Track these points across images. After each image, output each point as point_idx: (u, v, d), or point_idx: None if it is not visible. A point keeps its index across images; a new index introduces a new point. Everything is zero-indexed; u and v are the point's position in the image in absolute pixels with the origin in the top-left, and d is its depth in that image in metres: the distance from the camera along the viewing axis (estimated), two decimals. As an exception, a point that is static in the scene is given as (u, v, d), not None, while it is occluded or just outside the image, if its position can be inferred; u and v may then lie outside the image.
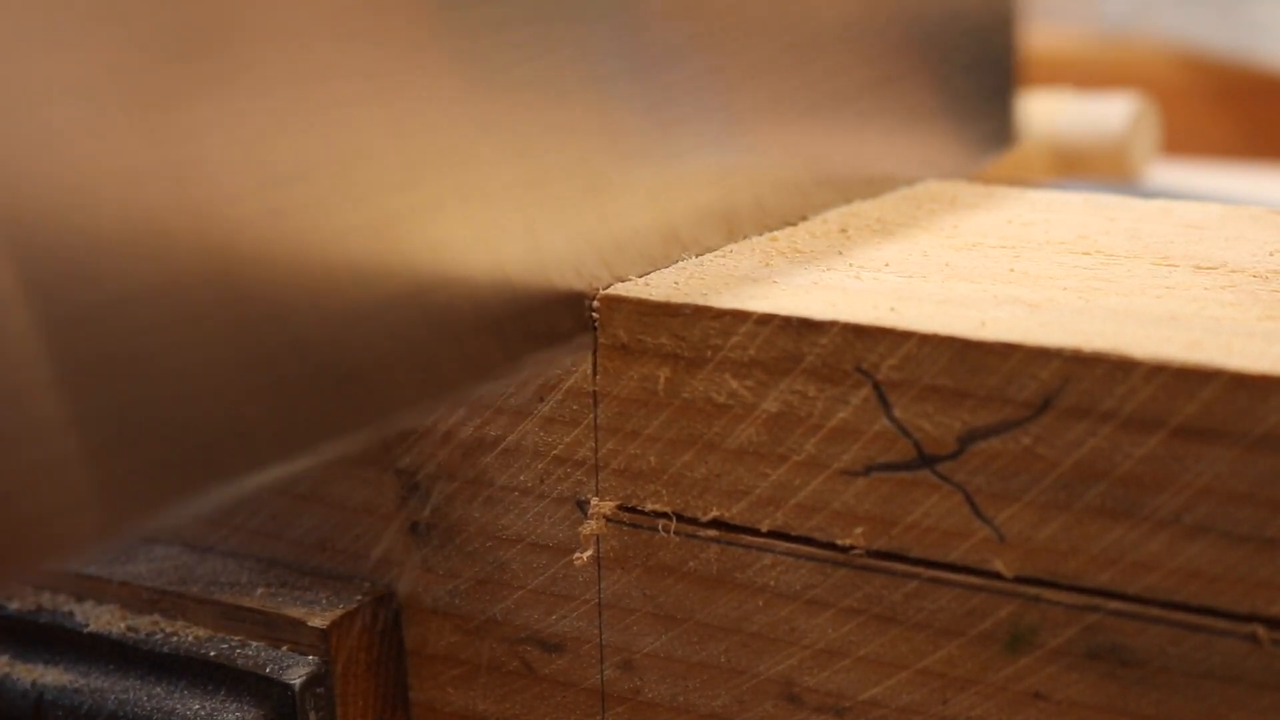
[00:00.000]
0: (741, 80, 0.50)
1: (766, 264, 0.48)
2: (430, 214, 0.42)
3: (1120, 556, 0.41)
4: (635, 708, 0.48)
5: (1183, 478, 0.40)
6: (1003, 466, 0.42)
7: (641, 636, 0.48)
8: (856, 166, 0.56)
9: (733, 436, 0.45)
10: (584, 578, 0.48)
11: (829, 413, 0.44)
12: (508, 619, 0.49)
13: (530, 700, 0.50)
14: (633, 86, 0.47)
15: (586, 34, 0.46)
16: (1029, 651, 0.43)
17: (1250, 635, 0.40)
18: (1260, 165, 1.13)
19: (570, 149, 0.46)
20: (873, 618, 0.45)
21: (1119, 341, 0.41)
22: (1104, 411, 0.41)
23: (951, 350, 0.42)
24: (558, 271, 0.46)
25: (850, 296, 0.45)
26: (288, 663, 0.49)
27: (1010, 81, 0.62)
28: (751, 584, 0.46)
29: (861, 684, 0.45)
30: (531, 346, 0.45)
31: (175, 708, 0.49)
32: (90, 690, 0.49)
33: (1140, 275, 0.47)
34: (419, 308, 0.43)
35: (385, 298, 0.42)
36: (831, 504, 0.44)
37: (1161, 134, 0.93)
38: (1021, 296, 0.45)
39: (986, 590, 0.43)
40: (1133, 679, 0.42)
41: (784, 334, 0.44)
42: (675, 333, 0.45)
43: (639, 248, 0.48)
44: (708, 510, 0.46)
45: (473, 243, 0.44)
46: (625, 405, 0.46)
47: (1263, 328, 0.42)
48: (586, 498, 0.47)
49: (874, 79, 0.55)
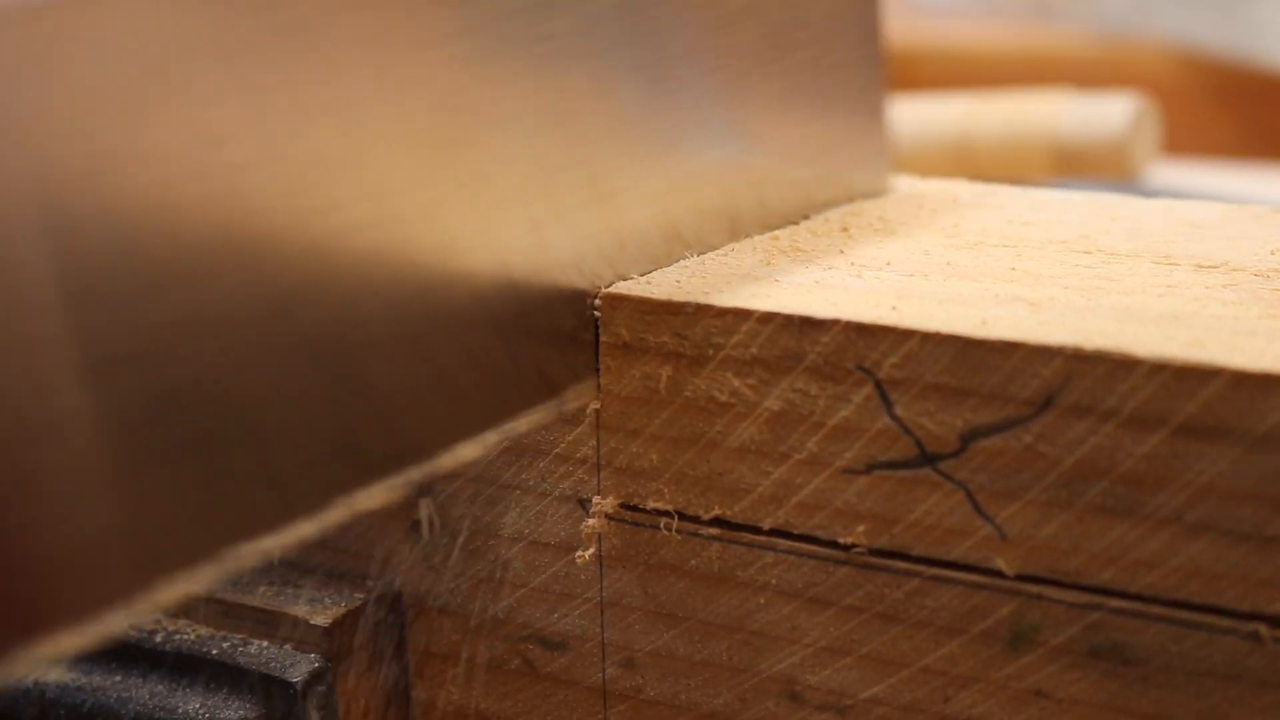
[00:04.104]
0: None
1: (768, 262, 0.48)
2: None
3: (1122, 555, 0.41)
4: (637, 706, 0.48)
5: (1184, 476, 0.40)
6: (1004, 465, 0.42)
7: (643, 635, 0.48)
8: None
9: (734, 435, 0.45)
10: (586, 576, 0.48)
11: (830, 411, 0.44)
12: (509, 617, 0.49)
13: (532, 699, 0.50)
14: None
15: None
16: (1030, 650, 0.43)
17: (1252, 633, 0.40)
18: (1260, 165, 1.13)
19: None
20: (874, 616, 0.45)
21: (1120, 340, 0.41)
22: (1105, 410, 0.41)
23: (953, 349, 0.42)
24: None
25: (852, 295, 0.45)
26: (290, 661, 0.49)
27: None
28: (753, 582, 0.46)
29: (863, 682, 0.45)
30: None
31: (177, 706, 0.49)
32: (92, 688, 0.49)
33: (1141, 274, 0.47)
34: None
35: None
36: (833, 502, 0.44)
37: (1161, 134, 0.93)
38: (1023, 295, 0.45)
39: (988, 588, 0.43)
40: (1134, 677, 0.42)
41: (786, 332, 0.44)
42: (677, 331, 0.45)
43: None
44: (709, 508, 0.46)
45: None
46: (627, 404, 0.46)
47: (1264, 326, 0.42)
48: (588, 496, 0.47)
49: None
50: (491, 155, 0.44)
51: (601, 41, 0.46)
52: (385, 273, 0.42)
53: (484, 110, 0.43)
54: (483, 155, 0.43)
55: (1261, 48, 1.22)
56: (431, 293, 0.43)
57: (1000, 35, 1.33)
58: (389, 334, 0.42)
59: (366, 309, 0.41)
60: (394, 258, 0.42)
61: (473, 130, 0.43)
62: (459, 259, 0.43)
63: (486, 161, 0.43)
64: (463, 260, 0.43)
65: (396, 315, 0.42)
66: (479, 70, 0.43)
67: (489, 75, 0.43)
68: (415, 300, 0.42)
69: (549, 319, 0.46)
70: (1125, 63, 1.25)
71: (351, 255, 0.41)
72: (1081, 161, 0.89)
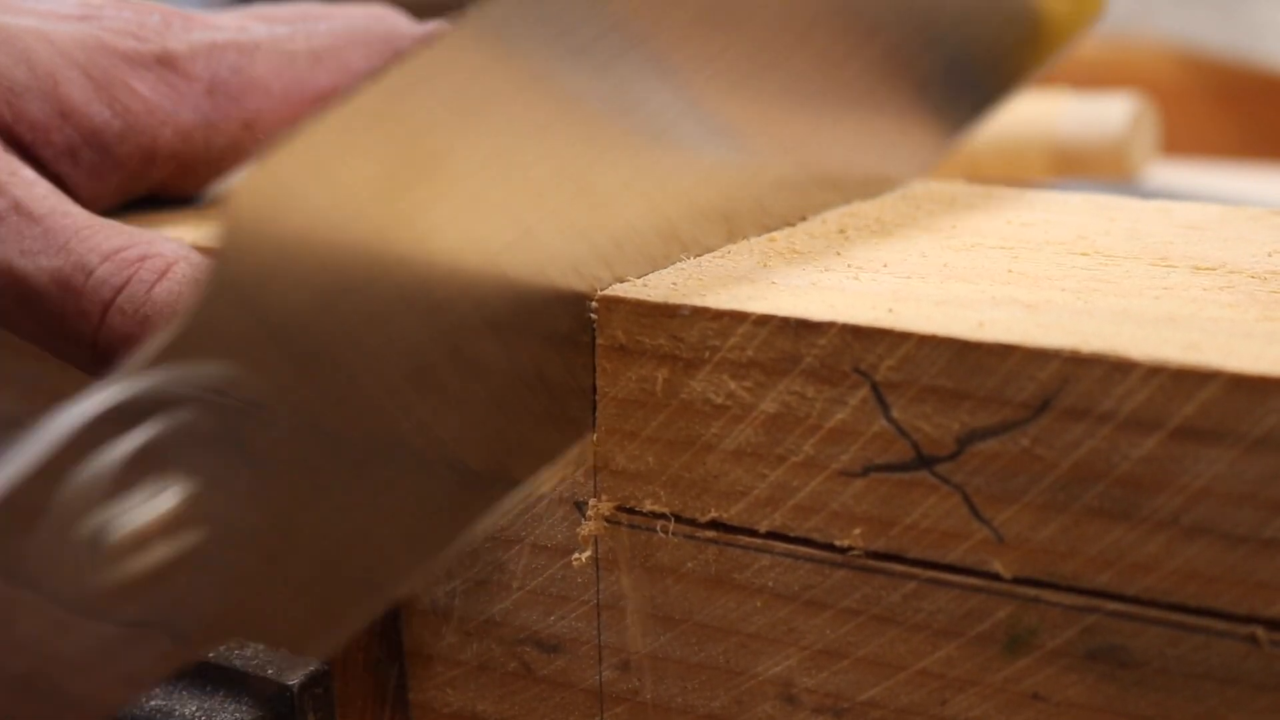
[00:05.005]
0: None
1: (765, 264, 0.48)
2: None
3: (1119, 557, 0.41)
4: (633, 709, 0.48)
5: (1181, 479, 0.40)
6: (1001, 467, 0.42)
7: (640, 637, 0.48)
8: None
9: (731, 437, 0.45)
10: (582, 578, 0.48)
11: (827, 413, 0.44)
12: (506, 620, 0.49)
13: (529, 701, 0.50)
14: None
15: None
16: (1027, 653, 0.43)
17: (1249, 636, 0.40)
18: (1260, 165, 1.13)
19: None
20: (871, 618, 0.45)
21: (1117, 342, 0.41)
22: (1102, 412, 0.41)
23: (950, 351, 0.42)
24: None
25: (848, 297, 0.45)
26: (286, 663, 0.49)
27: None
28: (750, 585, 0.46)
29: (860, 685, 0.45)
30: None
31: (174, 708, 0.49)
32: (88, 691, 0.49)
33: (1139, 276, 0.47)
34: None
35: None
36: (830, 505, 0.44)
37: (1161, 134, 0.93)
38: (1020, 297, 0.45)
39: (985, 591, 0.43)
40: (1131, 680, 0.42)
41: (782, 335, 0.44)
42: (673, 333, 0.45)
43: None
44: (706, 511, 0.46)
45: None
46: (623, 406, 0.46)
47: (1261, 329, 0.42)
48: (584, 499, 0.47)
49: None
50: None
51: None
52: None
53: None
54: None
55: (1261, 48, 1.22)
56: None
57: (999, 35, 1.32)
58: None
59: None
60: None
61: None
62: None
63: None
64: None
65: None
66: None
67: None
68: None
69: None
70: (1124, 63, 1.25)
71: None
72: (1080, 162, 0.89)
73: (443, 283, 0.43)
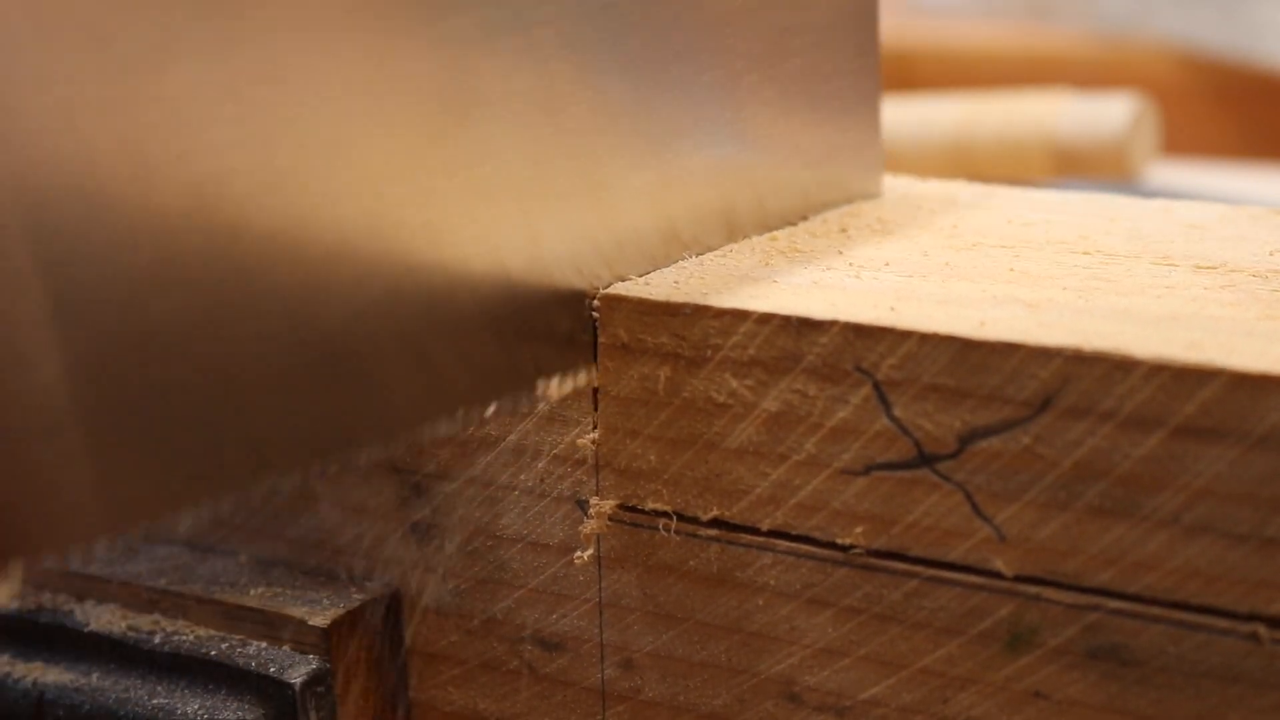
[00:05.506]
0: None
1: (766, 263, 0.48)
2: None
3: (1120, 556, 0.41)
4: (635, 707, 0.48)
5: (1182, 477, 0.40)
6: (1003, 466, 0.42)
7: (642, 636, 0.48)
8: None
9: (733, 436, 0.45)
10: (584, 577, 0.48)
11: (829, 412, 0.44)
12: (508, 618, 0.49)
13: (531, 699, 0.50)
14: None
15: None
16: (1029, 651, 0.43)
17: (1250, 634, 0.40)
18: (1260, 165, 1.13)
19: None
20: (873, 617, 0.45)
21: (1119, 341, 0.41)
22: (1104, 411, 0.41)
23: (951, 350, 0.42)
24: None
25: (850, 296, 0.45)
26: (288, 662, 0.49)
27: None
28: (752, 583, 0.46)
29: (861, 683, 0.45)
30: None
31: (176, 707, 0.49)
32: (91, 689, 0.49)
33: (1140, 275, 0.47)
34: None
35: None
36: (831, 503, 0.44)
37: (1161, 134, 0.93)
38: (1021, 296, 0.45)
39: (986, 589, 0.43)
40: (1133, 678, 0.42)
41: (784, 333, 0.44)
42: (675, 332, 0.45)
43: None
44: (708, 509, 0.46)
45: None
46: (626, 404, 0.46)
47: (1262, 327, 0.42)
48: (587, 497, 0.47)
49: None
50: (482, 147, 0.44)
51: (594, 34, 0.46)
52: (377, 266, 0.42)
53: (474, 99, 0.43)
54: (474, 146, 0.43)
55: (1261, 48, 1.22)
56: (423, 285, 0.43)
57: (999, 35, 1.33)
58: (382, 329, 0.42)
59: (357, 302, 0.41)
60: (385, 249, 0.42)
61: (462, 120, 0.43)
62: (452, 252, 0.43)
63: (477, 153, 0.43)
64: (456, 254, 0.43)
65: (387, 308, 0.42)
66: (468, 58, 0.43)
67: (479, 64, 0.43)
68: (406, 292, 0.42)
69: (547, 319, 0.46)
70: (1124, 63, 1.25)
71: (341, 248, 0.41)
72: (1080, 162, 0.89)
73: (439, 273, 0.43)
